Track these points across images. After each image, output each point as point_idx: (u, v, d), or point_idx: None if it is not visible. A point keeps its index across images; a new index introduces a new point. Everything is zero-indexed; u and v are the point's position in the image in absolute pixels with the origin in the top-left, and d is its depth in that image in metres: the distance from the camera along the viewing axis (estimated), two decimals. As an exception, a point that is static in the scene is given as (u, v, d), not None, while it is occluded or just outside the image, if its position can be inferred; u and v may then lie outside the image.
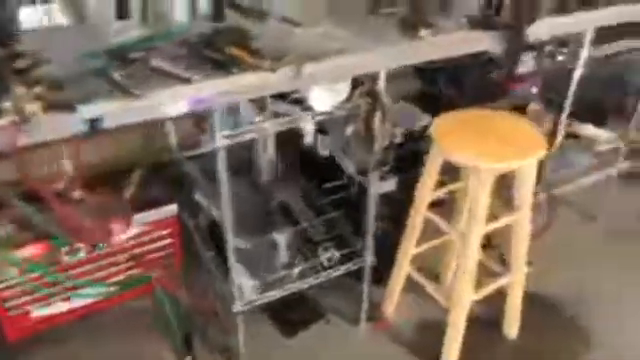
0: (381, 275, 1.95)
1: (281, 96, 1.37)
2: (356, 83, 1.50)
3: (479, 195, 1.51)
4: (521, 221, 1.67)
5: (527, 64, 2.00)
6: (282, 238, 1.89)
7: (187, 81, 1.20)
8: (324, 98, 1.39)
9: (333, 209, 1.93)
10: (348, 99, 1.46)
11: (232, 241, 1.52)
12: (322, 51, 1.37)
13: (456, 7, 1.71)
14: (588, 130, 2.73)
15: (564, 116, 2.07)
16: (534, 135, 1.58)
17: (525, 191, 1.61)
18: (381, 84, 1.46)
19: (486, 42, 1.58)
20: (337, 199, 1.93)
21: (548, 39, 1.86)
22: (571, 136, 2.77)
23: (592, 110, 2.79)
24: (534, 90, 2.36)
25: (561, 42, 1.91)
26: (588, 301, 2.10)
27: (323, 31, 1.51)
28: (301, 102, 1.39)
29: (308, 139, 1.82)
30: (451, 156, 1.53)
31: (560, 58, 1.91)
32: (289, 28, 1.56)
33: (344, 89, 1.43)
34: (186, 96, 1.19)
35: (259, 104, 1.36)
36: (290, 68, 1.27)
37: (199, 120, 1.97)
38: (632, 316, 2.05)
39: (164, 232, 1.98)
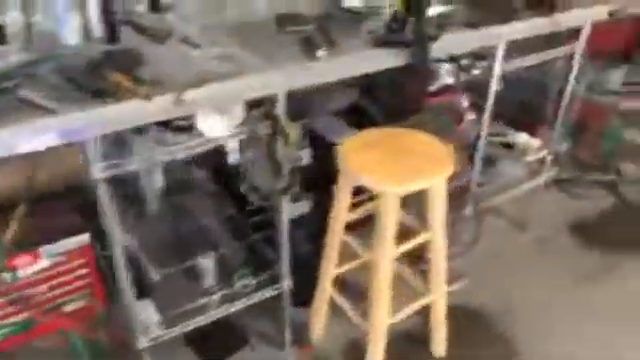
0: (306, 296, 1.90)
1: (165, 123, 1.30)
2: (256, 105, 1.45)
3: (386, 218, 1.48)
4: (436, 239, 1.64)
5: (446, 77, 1.98)
6: (199, 265, 1.81)
7: (53, 112, 1.12)
8: (216, 123, 1.33)
9: (254, 232, 1.87)
10: (244, 123, 1.40)
11: (127, 278, 1.44)
12: (212, 75, 1.32)
13: (364, 25, 1.69)
14: (521, 138, 2.75)
15: (485, 127, 2.06)
16: (442, 153, 1.56)
17: (437, 209, 1.58)
18: (280, 107, 1.41)
19: (390, 60, 1.55)
20: (258, 221, 1.86)
21: (462, 53, 1.85)
22: (506, 145, 2.81)
23: (525, 118, 2.83)
24: (465, 102, 2.36)
25: (478, 55, 1.91)
26: (518, 312, 2.09)
27: (220, 53, 1.45)
28: (190, 129, 1.32)
29: (232, 158, 1.76)
30: (355, 179, 1.49)
31: (476, 72, 1.90)
32: (187, 50, 1.50)
33: (238, 113, 1.37)
34: (51, 128, 1.11)
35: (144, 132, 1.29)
36: (169, 95, 1.20)
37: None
38: (560, 322, 2.05)
39: (77, 263, 1.88)
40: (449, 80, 2.02)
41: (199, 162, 2.02)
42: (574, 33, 2.14)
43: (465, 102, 2.28)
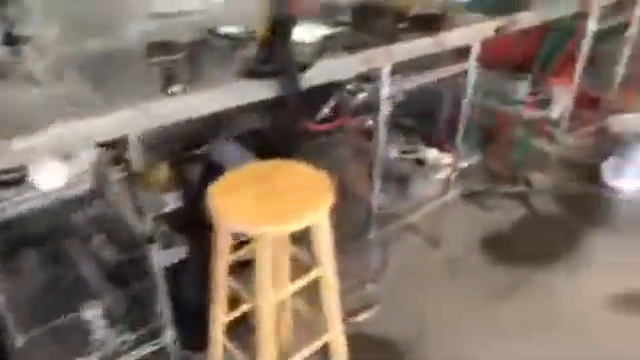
0: (202, 341, 1.76)
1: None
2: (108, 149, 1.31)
3: (262, 262, 1.37)
4: (326, 275, 1.55)
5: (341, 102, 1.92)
6: (74, 321, 1.64)
7: None
8: (53, 173, 1.18)
9: (134, 281, 1.71)
10: (92, 170, 1.26)
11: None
12: (50, 116, 1.17)
13: (238, 53, 1.59)
14: (431, 154, 2.74)
15: (379, 148, 1.99)
16: (322, 185, 1.46)
17: (322, 245, 1.49)
18: (132, 149, 1.28)
19: (259, 91, 1.45)
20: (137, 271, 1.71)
21: (348, 78, 1.78)
22: (419, 162, 2.79)
23: (435, 133, 2.83)
24: (368, 122, 2.30)
25: (366, 78, 1.85)
26: (430, 335, 2.03)
27: (64, 91, 1.30)
28: (21, 181, 1.16)
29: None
30: (224, 222, 1.37)
31: (362, 95, 1.84)
32: (28, 88, 1.34)
33: (83, 160, 1.23)
34: None
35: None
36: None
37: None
38: (470, 341, 2.01)
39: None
40: (348, 104, 1.96)
41: (80, 204, 1.85)
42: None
43: (368, 122, 2.23)
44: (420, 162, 2.77)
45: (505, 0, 2.18)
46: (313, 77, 1.53)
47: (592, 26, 2.55)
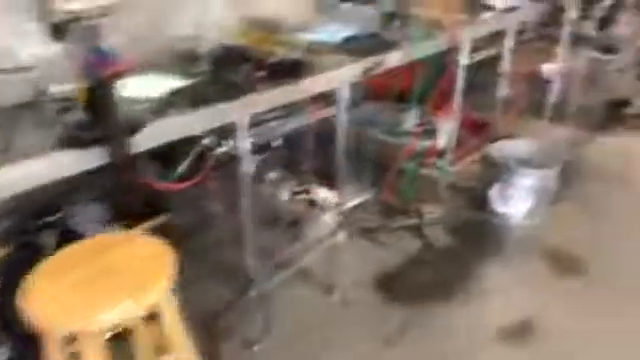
0: None
1: None
2: None
3: (89, 360, 1.18)
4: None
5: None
6: None
7: None
8: None
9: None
10: None
11: None
12: None
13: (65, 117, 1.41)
14: (322, 194, 2.67)
15: (249, 199, 1.87)
16: (162, 263, 1.30)
17: (171, 328, 1.33)
18: None
19: (82, 161, 1.28)
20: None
21: (203, 133, 1.65)
22: (312, 203, 2.70)
23: (326, 172, 2.77)
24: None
25: (224, 131, 1.73)
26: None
27: None
28: None
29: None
30: (36, 321, 1.17)
31: (224, 149, 1.72)
32: None
33: None
34: None
35: None
36: None
37: None
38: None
39: None
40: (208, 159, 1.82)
41: None
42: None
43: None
44: (313, 203, 2.69)
45: (373, 41, 2.17)
46: (149, 139, 1.38)
47: (464, 60, 2.62)
